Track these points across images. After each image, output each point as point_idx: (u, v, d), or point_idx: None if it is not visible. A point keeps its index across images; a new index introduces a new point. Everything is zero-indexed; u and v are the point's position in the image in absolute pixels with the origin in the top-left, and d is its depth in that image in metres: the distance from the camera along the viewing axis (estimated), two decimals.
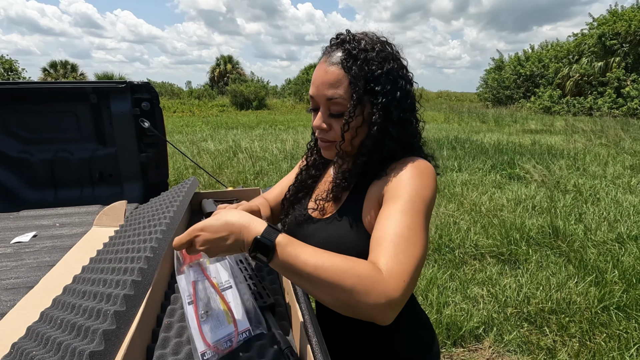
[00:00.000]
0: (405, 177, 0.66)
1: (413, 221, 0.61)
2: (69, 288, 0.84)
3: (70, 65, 25.70)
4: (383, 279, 0.54)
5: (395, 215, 0.61)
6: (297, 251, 0.56)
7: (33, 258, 1.18)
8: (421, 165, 0.68)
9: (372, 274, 0.54)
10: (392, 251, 0.57)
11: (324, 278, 0.54)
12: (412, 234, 0.60)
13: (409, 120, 0.72)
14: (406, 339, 0.80)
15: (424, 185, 0.65)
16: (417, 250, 0.58)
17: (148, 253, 0.82)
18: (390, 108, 0.68)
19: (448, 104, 25.25)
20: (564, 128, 11.60)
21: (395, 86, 0.68)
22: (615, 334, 2.13)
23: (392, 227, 0.60)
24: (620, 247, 3.15)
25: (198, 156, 7.04)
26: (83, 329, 0.60)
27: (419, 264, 0.58)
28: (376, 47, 0.68)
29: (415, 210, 0.62)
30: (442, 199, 4.54)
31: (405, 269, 0.56)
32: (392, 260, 0.56)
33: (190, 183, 1.40)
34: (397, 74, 0.69)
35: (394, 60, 0.69)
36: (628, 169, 5.95)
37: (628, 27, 16.59)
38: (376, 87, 0.67)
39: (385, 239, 0.59)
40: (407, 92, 0.70)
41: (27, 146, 1.94)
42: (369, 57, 0.67)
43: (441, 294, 2.51)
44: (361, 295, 0.53)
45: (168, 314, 0.81)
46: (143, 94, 1.92)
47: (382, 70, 0.67)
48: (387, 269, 0.55)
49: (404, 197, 0.63)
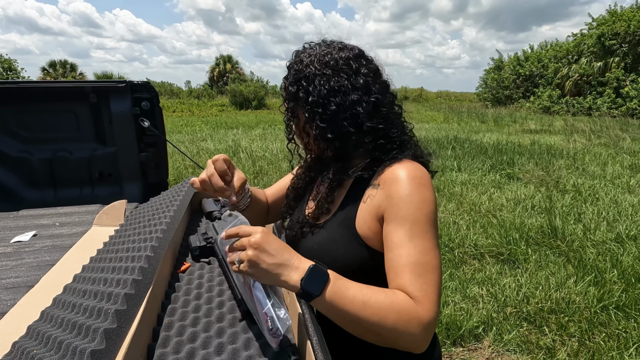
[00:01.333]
0: (405, 193, 0.65)
1: (424, 244, 0.63)
2: (70, 287, 0.84)
3: (69, 65, 25.68)
4: (418, 312, 0.57)
5: (407, 243, 0.63)
6: (347, 284, 0.58)
7: (33, 257, 1.18)
8: (417, 174, 0.67)
9: (409, 309, 0.57)
10: (416, 282, 0.59)
11: (369, 315, 0.56)
12: (428, 258, 0.62)
13: (353, 114, 0.70)
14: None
15: (424, 200, 0.65)
16: (435, 273, 0.62)
17: (149, 252, 0.82)
18: (314, 108, 0.70)
19: (447, 104, 25.28)
20: (563, 128, 11.62)
21: (314, 86, 0.70)
22: (615, 333, 2.13)
23: (407, 257, 0.62)
24: (619, 246, 3.16)
25: (197, 156, 7.04)
26: (84, 328, 0.60)
27: (440, 284, 0.62)
28: (302, 56, 0.73)
29: (424, 231, 0.63)
30: (442, 198, 4.54)
31: (432, 298, 0.59)
32: (419, 292, 0.59)
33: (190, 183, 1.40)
34: (316, 75, 0.70)
35: (320, 63, 0.70)
36: (627, 169, 5.96)
37: (627, 27, 16.62)
38: (299, 93, 0.72)
39: (404, 270, 0.61)
40: (340, 86, 0.69)
41: (26, 145, 1.94)
42: (292, 66, 0.73)
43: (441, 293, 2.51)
44: (401, 332, 0.56)
45: (169, 312, 0.81)
46: (143, 93, 1.92)
47: (301, 75, 0.71)
48: (418, 302, 0.58)
49: (410, 219, 0.64)
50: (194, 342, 0.72)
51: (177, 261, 1.06)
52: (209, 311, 0.82)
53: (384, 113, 0.72)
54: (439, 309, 0.61)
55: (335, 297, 0.56)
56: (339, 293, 0.56)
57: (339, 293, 0.56)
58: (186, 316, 0.80)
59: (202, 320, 0.79)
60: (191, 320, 0.78)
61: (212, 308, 0.83)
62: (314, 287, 0.56)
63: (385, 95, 0.74)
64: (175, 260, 1.07)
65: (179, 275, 0.99)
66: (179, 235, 1.17)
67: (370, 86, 0.71)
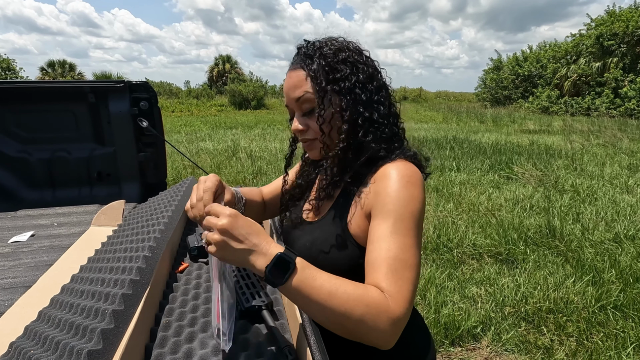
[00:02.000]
0: (392, 189, 0.65)
1: (405, 241, 0.62)
2: (67, 287, 0.84)
3: (68, 65, 25.65)
4: (389, 307, 0.56)
5: (388, 238, 0.62)
6: (314, 274, 0.57)
7: (31, 257, 1.18)
8: (408, 172, 0.67)
9: (379, 303, 0.56)
10: (392, 277, 0.59)
11: (336, 306, 0.55)
12: (407, 255, 0.61)
13: (380, 102, 0.72)
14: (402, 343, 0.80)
15: (411, 197, 0.64)
16: (413, 271, 0.61)
17: (146, 252, 0.82)
18: (355, 90, 0.70)
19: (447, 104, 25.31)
20: (562, 128, 11.64)
21: (355, 69, 0.71)
22: (612, 333, 2.14)
23: (386, 251, 0.61)
24: (617, 246, 3.17)
25: (196, 156, 7.03)
26: (81, 328, 0.60)
27: (416, 282, 0.61)
28: (329, 43, 0.72)
29: (407, 228, 0.63)
30: (441, 198, 4.55)
31: (406, 295, 0.58)
32: (392, 286, 0.58)
33: (189, 183, 1.40)
34: (354, 60, 0.71)
35: (349, 50, 0.72)
36: (625, 169, 5.98)
37: (626, 28, 16.66)
38: (336, 75, 0.69)
39: (382, 264, 0.60)
40: (371, 75, 0.72)
41: (25, 146, 1.94)
42: (323, 52, 0.71)
43: (439, 293, 2.51)
44: (369, 326, 0.55)
45: (166, 313, 0.81)
46: (141, 93, 1.92)
47: (338, 58, 0.70)
48: (391, 296, 0.57)
49: (393, 215, 0.63)
50: (192, 342, 0.72)
51: (175, 261, 1.07)
52: (206, 311, 0.82)
53: (393, 110, 0.75)
54: (411, 307, 0.59)
55: (302, 285, 0.55)
56: (305, 282, 0.55)
57: (306, 282, 0.55)
58: (184, 316, 0.80)
59: (199, 320, 0.79)
60: (189, 320, 0.78)
61: (210, 308, 0.83)
62: (277, 275, 0.55)
63: (388, 93, 0.76)
64: (173, 260, 1.07)
65: (177, 275, 0.99)
66: (177, 236, 1.17)
67: (387, 85, 0.75)
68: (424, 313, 2.30)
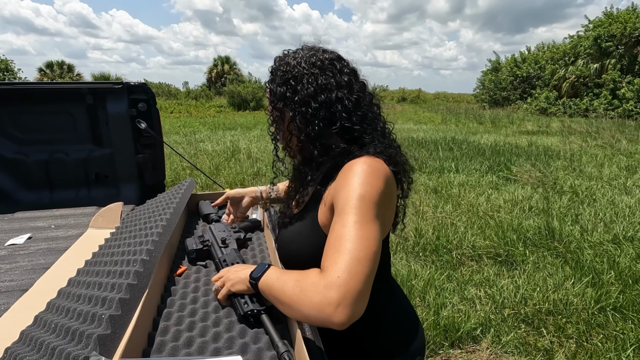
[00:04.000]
0: (350, 177, 0.68)
1: (350, 219, 0.64)
2: (64, 291, 0.83)
3: (66, 66, 25.59)
4: (319, 281, 0.60)
5: (337, 220, 0.66)
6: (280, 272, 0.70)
7: (27, 260, 1.17)
8: (367, 164, 0.69)
9: (313, 279, 0.61)
10: (331, 253, 0.62)
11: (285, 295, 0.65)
12: (351, 232, 0.62)
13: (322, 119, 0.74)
14: (386, 333, 0.84)
15: (365, 184, 0.66)
16: (352, 244, 0.62)
17: (144, 256, 0.81)
18: (299, 106, 0.74)
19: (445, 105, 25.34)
20: (560, 129, 11.66)
21: (300, 87, 0.74)
22: (612, 334, 2.13)
23: (332, 232, 0.65)
24: (616, 248, 3.17)
25: (195, 157, 7.02)
26: (77, 334, 0.60)
27: (357, 254, 0.61)
28: (287, 59, 0.77)
29: (354, 208, 0.65)
30: (440, 200, 4.55)
31: (340, 266, 0.59)
32: (328, 261, 0.62)
33: (187, 184, 1.40)
34: (302, 75, 0.74)
35: (300, 66, 0.75)
36: (624, 170, 5.99)
37: (623, 29, 16.72)
38: (280, 89, 0.76)
39: (328, 246, 0.65)
40: (308, 95, 0.73)
41: (22, 147, 1.92)
42: (279, 68, 0.77)
43: (439, 295, 2.51)
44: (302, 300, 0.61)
45: (164, 317, 0.80)
46: (140, 94, 1.91)
47: (287, 76, 0.75)
48: (324, 270, 0.61)
49: (347, 203, 0.66)
50: (190, 347, 0.72)
51: (173, 264, 1.06)
52: (205, 315, 0.81)
53: (363, 111, 0.76)
54: (352, 279, 0.58)
55: (269, 281, 0.69)
56: (272, 278, 0.69)
57: (272, 278, 0.69)
58: (182, 320, 0.79)
59: (198, 324, 0.78)
60: (187, 324, 0.78)
61: (209, 312, 0.82)
62: (255, 273, 0.73)
63: (364, 94, 0.78)
64: (172, 263, 1.06)
65: (175, 278, 0.98)
66: (176, 238, 1.16)
67: (352, 84, 0.76)
68: (424, 315, 2.29)
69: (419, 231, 3.52)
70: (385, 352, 0.83)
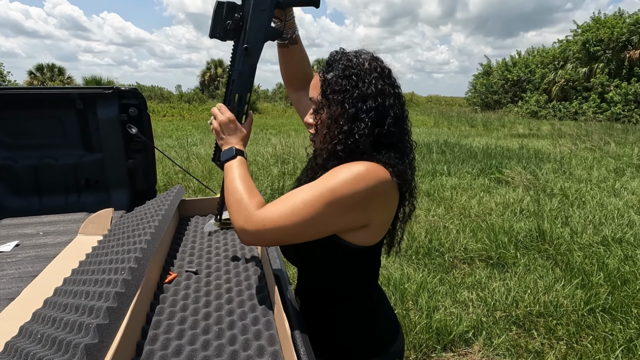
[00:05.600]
0: (340, 170, 0.72)
1: (309, 198, 0.70)
2: (50, 301, 0.82)
3: (57, 69, 25.29)
4: (253, 210, 0.73)
5: (301, 188, 0.73)
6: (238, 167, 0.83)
7: (15, 268, 1.15)
8: (362, 170, 0.71)
9: (251, 204, 0.74)
10: (274, 207, 0.72)
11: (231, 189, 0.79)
12: (300, 206, 0.70)
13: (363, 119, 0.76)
14: (368, 334, 0.88)
15: (344, 183, 0.70)
16: (294, 218, 0.70)
17: (132, 264, 0.80)
18: (345, 105, 0.76)
19: (438, 108, 25.55)
20: (550, 132, 11.82)
21: (354, 87, 0.76)
22: (601, 336, 2.16)
23: (292, 193, 0.73)
24: (605, 249, 3.21)
25: (188, 161, 6.97)
26: (64, 344, 0.59)
27: (287, 228, 0.70)
28: (346, 57, 0.79)
29: (319, 193, 0.70)
30: (432, 203, 4.57)
31: (271, 220, 0.71)
32: (266, 211, 0.72)
33: (176, 191, 1.39)
34: (358, 78, 0.77)
35: (360, 68, 0.78)
36: (612, 173, 6.09)
37: (611, 34, 17.04)
38: (335, 87, 0.77)
39: (280, 198, 0.74)
40: (366, 94, 0.76)
41: (10, 152, 1.90)
42: (338, 65, 0.79)
43: (431, 298, 2.52)
44: (234, 213, 0.75)
45: (153, 325, 0.80)
46: (130, 99, 1.90)
47: (345, 73, 0.77)
48: (260, 212, 0.72)
49: (322, 180, 0.72)
50: (179, 355, 0.71)
51: (162, 271, 1.05)
52: (194, 323, 0.81)
53: (405, 126, 0.81)
54: (269, 231, 0.71)
55: (228, 169, 0.84)
56: (231, 168, 0.83)
57: (231, 168, 0.83)
58: (171, 329, 0.79)
59: (187, 332, 0.78)
60: (176, 332, 0.77)
61: (198, 320, 0.82)
62: (224, 156, 0.87)
63: (404, 108, 0.82)
64: (161, 270, 1.05)
65: (165, 286, 0.97)
66: (165, 245, 1.15)
67: (400, 98, 0.81)
68: (416, 318, 2.30)
69: (412, 234, 3.54)
70: (365, 352, 0.87)
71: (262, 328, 0.80)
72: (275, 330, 0.79)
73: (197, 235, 1.33)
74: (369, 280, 0.88)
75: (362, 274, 0.85)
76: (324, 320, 0.88)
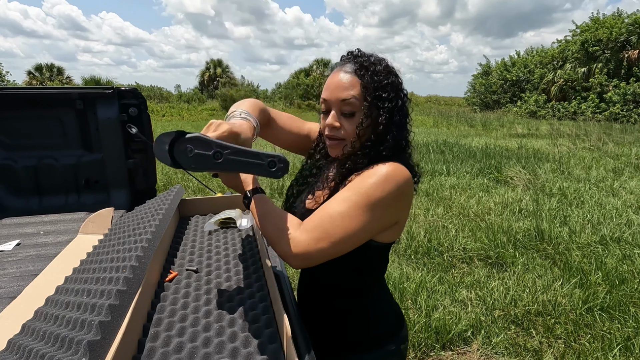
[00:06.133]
0: (368, 174, 0.75)
1: (346, 210, 0.72)
2: (52, 299, 0.83)
3: (56, 69, 25.27)
4: (293, 235, 0.72)
5: (335, 200, 0.74)
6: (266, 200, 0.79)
7: (16, 267, 1.16)
8: (390, 170, 0.74)
9: (289, 229, 0.73)
10: (314, 224, 0.72)
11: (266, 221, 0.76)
12: (339, 219, 0.71)
13: (405, 124, 0.84)
14: (376, 320, 0.91)
15: (377, 185, 0.72)
16: (335, 232, 0.71)
17: (134, 262, 0.81)
18: (394, 112, 0.80)
19: (437, 108, 25.56)
20: (549, 132, 11.85)
21: (398, 95, 0.81)
22: (599, 334, 2.17)
23: (327, 207, 0.74)
24: (603, 249, 3.23)
25: None
26: (67, 340, 0.60)
27: (332, 244, 0.71)
28: (382, 63, 0.82)
29: (355, 202, 0.72)
30: (431, 202, 4.59)
31: (313, 243, 0.71)
32: (308, 224, 0.73)
33: (176, 191, 1.40)
34: (397, 87, 0.82)
35: (395, 75, 0.83)
36: (611, 172, 6.11)
37: (609, 34, 17.08)
38: (383, 94, 0.79)
39: (317, 214, 0.74)
40: (405, 102, 0.83)
41: (10, 152, 1.90)
42: (377, 70, 0.80)
43: (430, 297, 2.53)
44: (276, 244, 0.73)
45: (155, 323, 0.81)
46: (130, 99, 1.91)
47: (388, 81, 0.80)
48: (302, 229, 0.72)
49: (353, 188, 0.74)
50: (180, 352, 0.72)
51: (163, 270, 1.06)
52: (195, 321, 0.82)
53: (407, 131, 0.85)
54: (315, 252, 0.71)
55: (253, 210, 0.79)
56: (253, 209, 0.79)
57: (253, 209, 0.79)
58: (172, 326, 0.79)
59: (188, 330, 0.78)
60: (177, 330, 0.78)
61: (199, 317, 0.83)
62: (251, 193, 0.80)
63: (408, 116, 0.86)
64: (162, 269, 1.06)
65: (165, 284, 0.98)
66: (166, 244, 1.16)
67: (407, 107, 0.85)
68: (415, 317, 2.31)
69: (411, 234, 3.55)
70: (375, 341, 0.90)
71: (262, 326, 0.81)
72: (276, 328, 0.80)
73: (197, 234, 1.33)
74: (382, 274, 0.93)
75: (379, 269, 0.90)
76: (333, 315, 0.91)
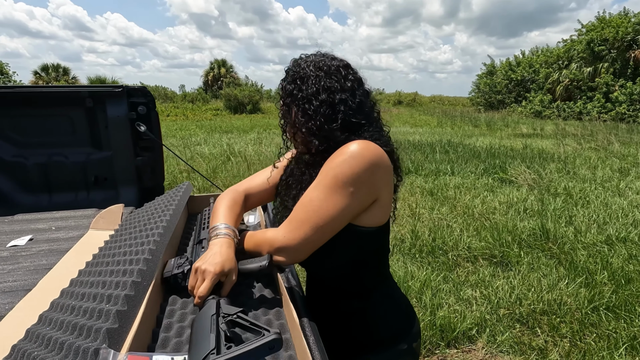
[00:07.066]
0: (334, 156, 0.77)
1: (317, 194, 0.76)
2: (67, 291, 0.85)
3: (62, 69, 25.47)
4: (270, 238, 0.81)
5: (308, 189, 0.79)
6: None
7: (30, 261, 1.18)
8: (356, 147, 0.76)
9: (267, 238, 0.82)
10: (289, 217, 0.80)
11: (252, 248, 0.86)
12: (311, 204, 0.76)
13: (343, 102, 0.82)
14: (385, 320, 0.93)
15: (343, 164, 0.75)
16: (310, 217, 0.76)
17: (147, 255, 0.83)
18: (302, 103, 0.83)
19: (441, 108, 25.50)
20: (554, 132, 11.78)
21: (305, 87, 0.83)
22: (605, 334, 2.17)
23: (301, 199, 0.80)
24: (609, 248, 3.21)
25: (192, 160, 7.02)
26: (85, 328, 0.62)
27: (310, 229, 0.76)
28: (300, 61, 0.86)
29: (325, 184, 0.76)
30: (436, 202, 4.59)
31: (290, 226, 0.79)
32: (284, 223, 0.81)
33: (185, 188, 1.42)
34: (307, 77, 0.83)
35: (307, 67, 0.84)
36: (617, 172, 6.07)
37: (616, 34, 16.94)
38: (293, 90, 0.84)
39: (293, 210, 0.80)
40: (322, 88, 0.82)
41: (21, 150, 1.93)
42: (292, 69, 0.87)
43: (435, 295, 2.54)
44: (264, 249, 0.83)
45: (167, 314, 0.82)
46: (139, 98, 1.93)
47: (295, 76, 0.85)
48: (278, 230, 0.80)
49: (322, 172, 0.78)
50: None
51: None
52: None
53: (366, 112, 0.85)
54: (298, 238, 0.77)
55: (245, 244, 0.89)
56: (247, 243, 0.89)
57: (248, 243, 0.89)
58: (184, 318, 0.81)
59: None
60: (189, 321, 0.80)
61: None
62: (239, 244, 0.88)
63: (367, 100, 0.87)
64: None
65: None
66: (176, 239, 1.18)
67: (355, 90, 0.84)
68: (420, 315, 2.31)
69: (415, 233, 3.55)
70: (384, 342, 0.91)
71: (272, 318, 0.82)
72: (285, 320, 0.81)
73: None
74: (384, 269, 0.94)
75: (377, 262, 0.91)
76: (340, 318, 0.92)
